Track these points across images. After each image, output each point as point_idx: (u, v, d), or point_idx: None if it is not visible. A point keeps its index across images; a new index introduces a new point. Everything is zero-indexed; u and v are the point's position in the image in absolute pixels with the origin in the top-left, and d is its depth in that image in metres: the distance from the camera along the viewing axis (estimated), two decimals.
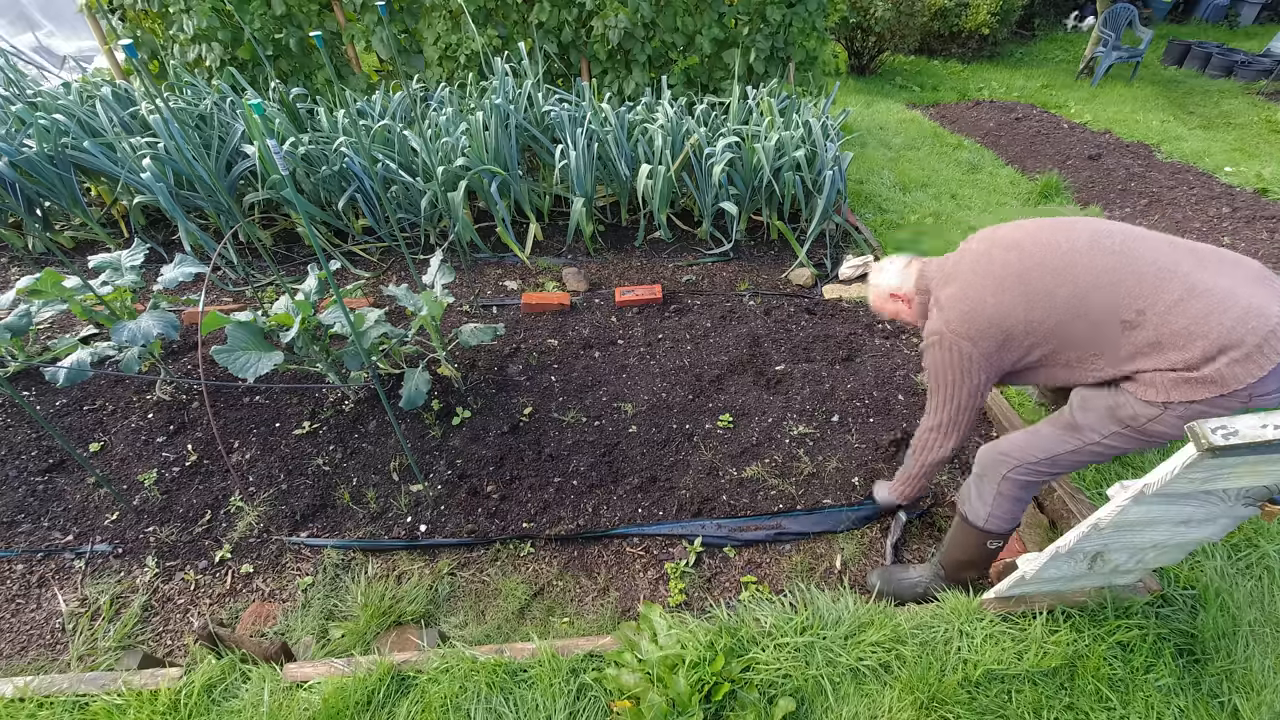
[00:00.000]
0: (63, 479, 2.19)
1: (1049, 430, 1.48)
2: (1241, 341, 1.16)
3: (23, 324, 2.23)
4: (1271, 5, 10.28)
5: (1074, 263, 1.31)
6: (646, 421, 2.42)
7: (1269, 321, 1.16)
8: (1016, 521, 1.59)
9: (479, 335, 2.47)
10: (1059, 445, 1.45)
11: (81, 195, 3.28)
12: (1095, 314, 1.28)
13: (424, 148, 3.14)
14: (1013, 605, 1.67)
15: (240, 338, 2.01)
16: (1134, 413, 1.30)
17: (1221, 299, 1.20)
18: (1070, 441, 1.43)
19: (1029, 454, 1.48)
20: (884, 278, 1.69)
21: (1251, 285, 1.22)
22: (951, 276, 1.49)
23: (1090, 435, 1.40)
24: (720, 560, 1.95)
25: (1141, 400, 1.28)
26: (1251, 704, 1.51)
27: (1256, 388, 1.18)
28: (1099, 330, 1.29)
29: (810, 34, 4.38)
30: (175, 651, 1.73)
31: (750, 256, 3.58)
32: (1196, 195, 4.48)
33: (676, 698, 1.42)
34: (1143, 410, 1.29)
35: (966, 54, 8.91)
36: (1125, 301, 1.26)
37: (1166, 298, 1.22)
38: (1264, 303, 1.18)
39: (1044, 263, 1.34)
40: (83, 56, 5.90)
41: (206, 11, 3.90)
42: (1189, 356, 1.20)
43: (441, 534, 2.01)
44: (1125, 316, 1.26)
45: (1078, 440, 1.42)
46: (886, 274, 1.68)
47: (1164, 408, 1.26)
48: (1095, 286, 1.28)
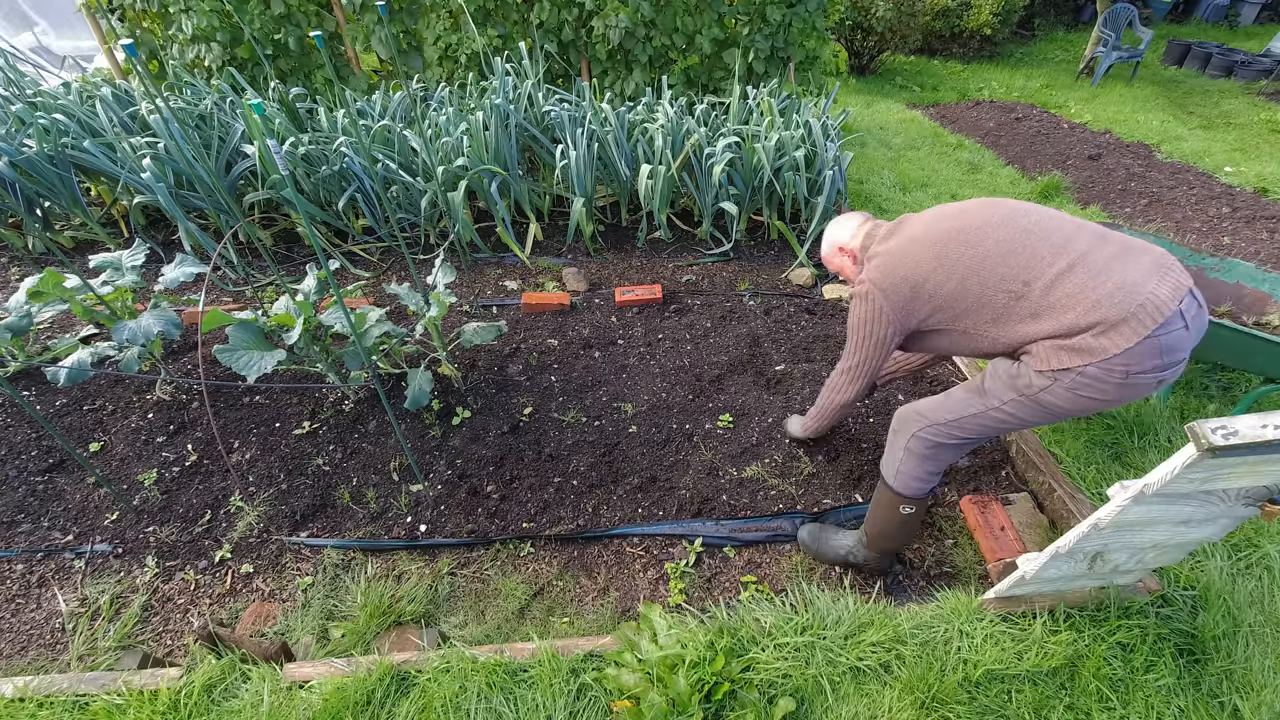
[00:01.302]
0: (63, 479, 2.19)
1: (959, 394, 1.57)
2: (1108, 314, 1.25)
3: (23, 324, 2.23)
4: (1271, 5, 10.28)
5: (984, 235, 1.40)
6: (646, 421, 2.42)
7: (1137, 296, 1.25)
8: (927, 486, 1.64)
9: (482, 335, 2.47)
10: (965, 408, 1.53)
11: (81, 195, 3.28)
12: (989, 282, 1.38)
13: (424, 148, 3.14)
14: (1013, 605, 1.67)
15: (242, 336, 2.01)
16: (1029, 382, 1.39)
17: (1097, 274, 1.29)
18: (974, 405, 1.51)
19: (938, 414, 1.57)
20: (838, 231, 1.73)
21: (1138, 267, 1.29)
22: (888, 237, 1.57)
23: (992, 400, 1.48)
24: (720, 560, 1.95)
25: (1034, 370, 1.37)
26: (1251, 704, 1.51)
27: (1130, 361, 1.25)
28: (989, 298, 1.38)
29: (810, 34, 4.38)
30: (175, 651, 1.73)
31: (750, 256, 3.58)
32: (1196, 195, 4.48)
33: (676, 698, 1.42)
34: (1036, 380, 1.37)
35: (967, 54, 8.91)
36: (1015, 273, 1.35)
37: (1051, 272, 1.33)
38: (1139, 279, 1.26)
39: (961, 231, 1.43)
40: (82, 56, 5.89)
41: (206, 11, 3.90)
42: (1061, 325, 1.30)
43: (441, 534, 2.01)
44: (1012, 287, 1.35)
45: (981, 404, 1.50)
46: (842, 228, 1.73)
47: (1052, 378, 1.34)
48: (994, 255, 1.37)
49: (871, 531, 1.77)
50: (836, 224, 1.75)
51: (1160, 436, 2.30)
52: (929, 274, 1.44)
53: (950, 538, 1.99)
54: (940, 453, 1.60)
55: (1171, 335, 1.26)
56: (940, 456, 1.61)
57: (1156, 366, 1.27)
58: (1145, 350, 1.25)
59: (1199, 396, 2.50)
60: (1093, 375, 1.29)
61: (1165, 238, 2.74)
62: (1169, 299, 1.25)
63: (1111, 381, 1.29)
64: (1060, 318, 1.30)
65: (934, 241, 1.45)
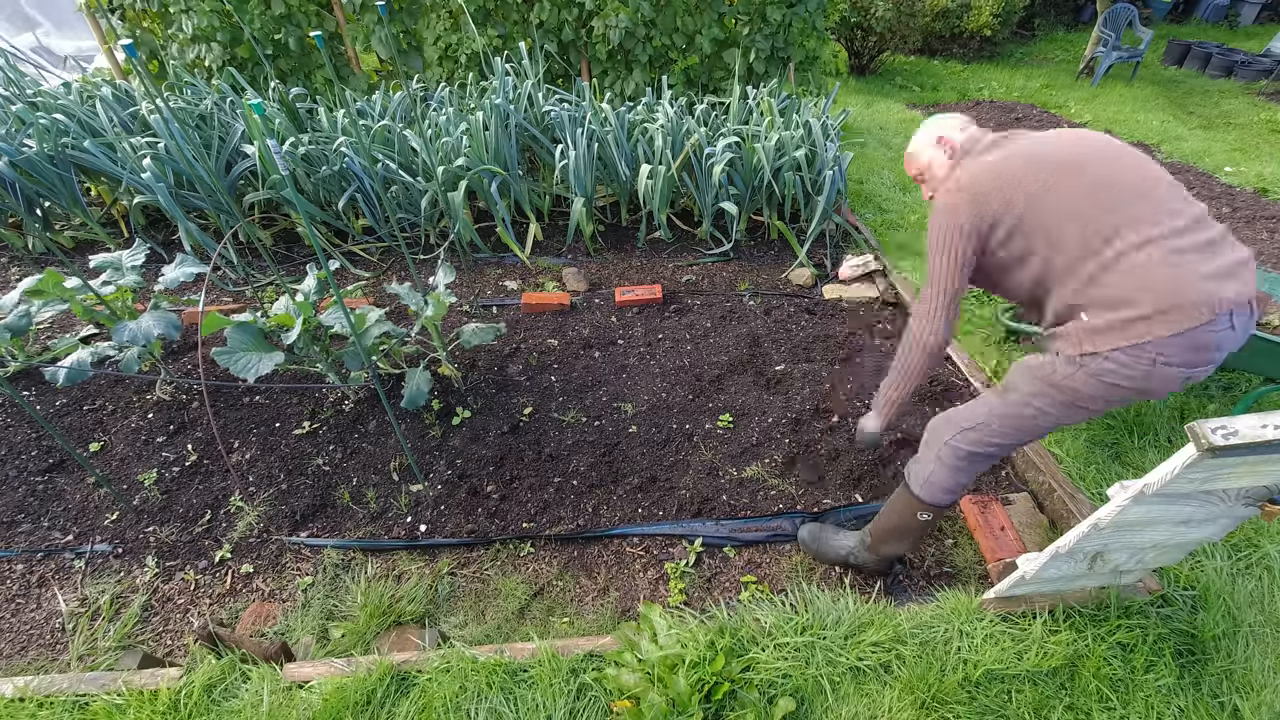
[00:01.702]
0: (63, 479, 2.19)
1: (987, 397, 1.54)
2: (1160, 300, 1.21)
3: (23, 324, 2.23)
4: (1271, 5, 10.28)
5: (1097, 175, 1.34)
6: (646, 421, 2.42)
7: (1199, 289, 1.20)
8: (952, 496, 1.60)
9: (481, 335, 2.47)
10: (995, 409, 1.50)
11: (81, 195, 3.28)
12: (1074, 227, 1.31)
13: (424, 148, 3.14)
14: (1013, 605, 1.67)
15: (240, 339, 2.01)
16: (1054, 369, 1.36)
17: (1174, 258, 1.23)
18: (1003, 405, 1.48)
19: (969, 419, 1.53)
20: (943, 123, 1.62)
21: (1217, 261, 1.24)
22: (992, 148, 1.49)
23: (1019, 396, 1.45)
24: (720, 560, 1.95)
25: (1062, 356, 1.34)
26: (1251, 704, 1.51)
27: (1162, 350, 1.22)
28: (1079, 237, 1.31)
29: (810, 34, 4.38)
30: (175, 651, 1.73)
31: (750, 256, 3.58)
32: (1196, 195, 4.48)
33: (676, 698, 1.42)
34: (1062, 367, 1.35)
35: (967, 54, 8.91)
36: (1102, 230, 1.29)
37: (1134, 238, 1.26)
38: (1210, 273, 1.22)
39: (1074, 162, 1.36)
40: (82, 56, 5.89)
41: (206, 11, 3.90)
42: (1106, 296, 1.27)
43: (441, 534, 2.01)
44: (1093, 244, 1.29)
45: (1011, 402, 1.47)
46: (947, 121, 1.62)
47: (1079, 364, 1.31)
48: (1096, 202, 1.31)
49: (878, 532, 1.75)
50: (938, 119, 1.65)
51: (1160, 436, 2.30)
52: (1026, 189, 1.35)
53: (950, 538, 1.99)
54: (972, 463, 1.55)
55: (1215, 334, 1.22)
56: (971, 468, 1.56)
57: (1188, 361, 1.23)
58: (1182, 342, 1.21)
59: (1199, 396, 2.50)
60: (1120, 361, 1.25)
61: None
62: (1230, 300, 1.20)
63: (1139, 369, 1.25)
64: (1106, 289, 1.26)
65: (1040, 159, 1.38)
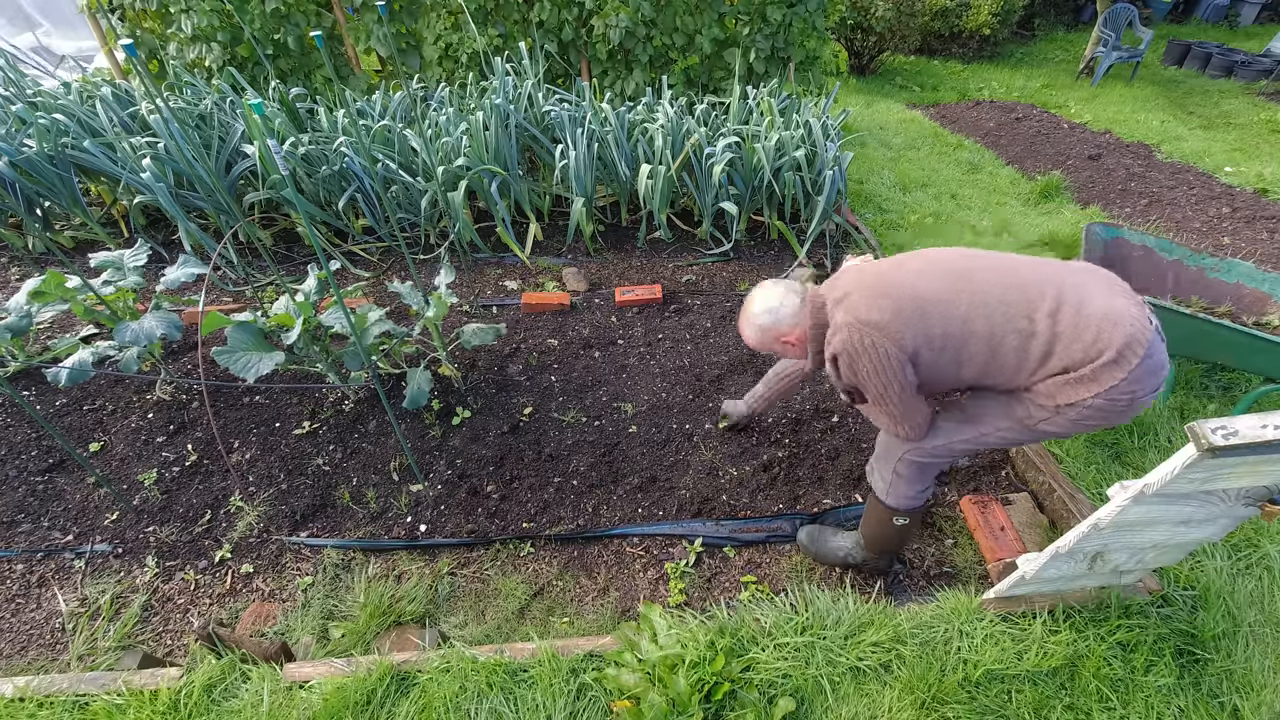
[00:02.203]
0: (63, 479, 2.19)
1: (946, 423, 1.53)
2: (1110, 341, 1.24)
3: (23, 324, 2.23)
4: (1271, 5, 10.28)
5: (973, 271, 1.36)
6: (646, 421, 2.42)
7: (1124, 321, 1.25)
8: (920, 500, 1.64)
9: (481, 335, 2.47)
10: (955, 434, 1.51)
11: (81, 195, 3.28)
12: (995, 320, 1.31)
13: (424, 148, 3.14)
14: (1013, 605, 1.67)
15: (240, 339, 2.01)
16: (1029, 413, 1.39)
17: (1081, 303, 1.28)
18: (966, 432, 1.50)
19: (927, 440, 1.54)
20: (771, 317, 1.50)
21: (1101, 290, 1.31)
22: (854, 279, 1.42)
23: (985, 427, 1.47)
24: (720, 560, 1.95)
25: (1036, 404, 1.37)
26: (1251, 704, 1.51)
27: (1135, 385, 1.26)
28: (999, 339, 1.31)
29: (810, 34, 4.38)
30: (175, 651, 1.73)
31: (750, 256, 3.58)
32: (1196, 195, 4.48)
33: (676, 697, 1.42)
34: (1036, 413, 1.38)
35: (967, 54, 8.90)
36: (1017, 310, 1.30)
37: (1045, 306, 1.29)
38: (1114, 303, 1.28)
39: (947, 265, 1.39)
40: (82, 56, 5.89)
41: (206, 11, 3.90)
42: (1070, 359, 1.28)
43: (441, 534, 2.01)
44: (1019, 325, 1.30)
45: (974, 431, 1.49)
46: (772, 308, 1.50)
47: (1056, 411, 1.34)
48: (993, 291, 1.32)
49: (866, 538, 1.78)
50: (761, 302, 1.51)
51: (1160, 436, 2.30)
52: (932, 305, 1.32)
53: (950, 538, 1.99)
54: (930, 469, 1.61)
55: (1159, 352, 1.29)
56: (930, 472, 1.62)
57: (1155, 386, 1.29)
58: (1144, 371, 1.26)
59: (1199, 396, 2.50)
60: (1098, 406, 1.28)
61: (1165, 238, 2.74)
62: (1147, 317, 1.29)
63: (1117, 408, 1.29)
64: (1069, 352, 1.27)
65: (929, 273, 1.35)
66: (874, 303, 1.35)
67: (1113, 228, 2.59)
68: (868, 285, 1.39)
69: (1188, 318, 2.11)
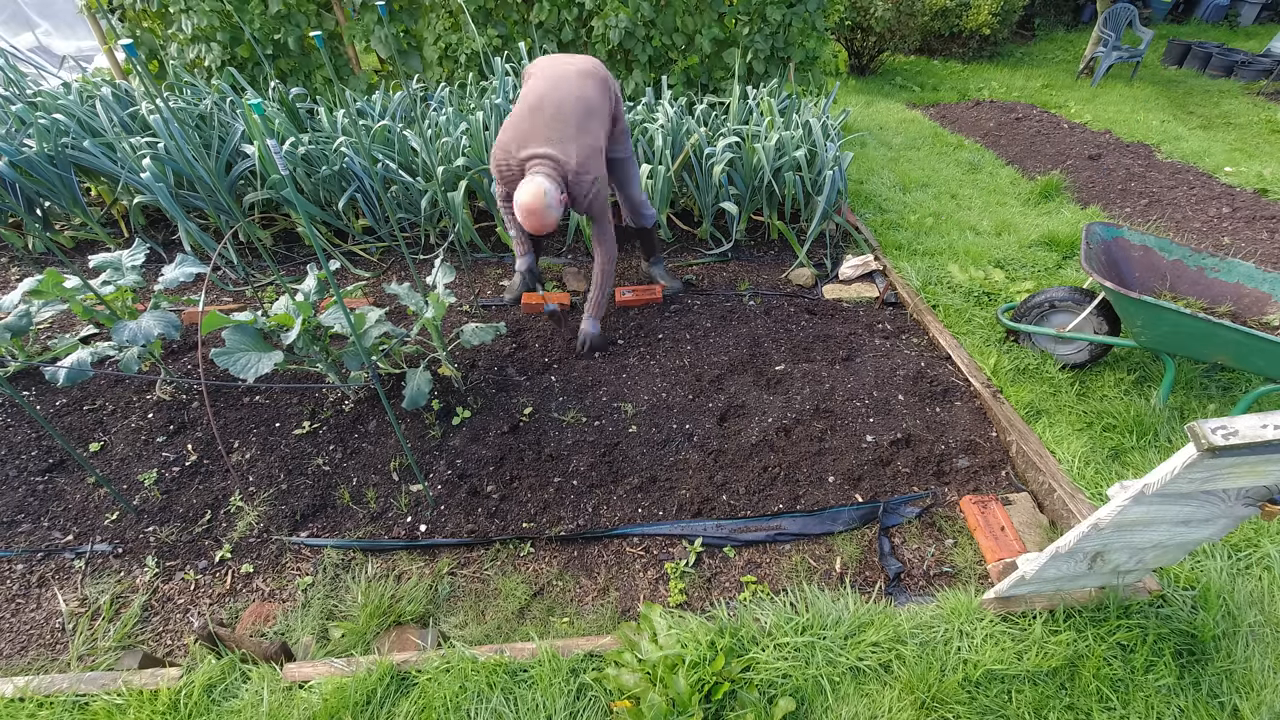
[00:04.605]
0: (63, 479, 2.19)
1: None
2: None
3: (23, 324, 2.23)
4: (1271, 5, 10.28)
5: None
6: (646, 421, 2.42)
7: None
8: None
9: (480, 335, 2.47)
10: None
11: (81, 195, 3.27)
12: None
13: (424, 148, 3.14)
14: (1013, 605, 1.67)
15: (239, 339, 2.01)
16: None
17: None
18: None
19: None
20: (545, 185, 2.22)
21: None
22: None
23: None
24: (720, 560, 1.95)
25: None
26: (1251, 704, 1.51)
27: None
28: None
29: (810, 34, 4.38)
30: (175, 651, 1.73)
31: (750, 256, 3.58)
32: (1196, 195, 4.48)
33: (676, 697, 1.42)
34: None
35: (967, 54, 8.91)
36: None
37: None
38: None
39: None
40: (82, 56, 5.89)
41: (206, 11, 3.90)
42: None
43: (441, 534, 2.01)
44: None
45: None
46: (540, 184, 2.22)
47: None
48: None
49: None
50: (530, 189, 2.20)
51: (1160, 436, 2.30)
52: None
53: (950, 538, 2.00)
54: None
55: None
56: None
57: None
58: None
59: (1199, 396, 2.50)
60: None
61: (1165, 238, 2.74)
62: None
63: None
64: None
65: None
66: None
67: (1113, 228, 2.59)
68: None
69: (1188, 318, 2.11)
